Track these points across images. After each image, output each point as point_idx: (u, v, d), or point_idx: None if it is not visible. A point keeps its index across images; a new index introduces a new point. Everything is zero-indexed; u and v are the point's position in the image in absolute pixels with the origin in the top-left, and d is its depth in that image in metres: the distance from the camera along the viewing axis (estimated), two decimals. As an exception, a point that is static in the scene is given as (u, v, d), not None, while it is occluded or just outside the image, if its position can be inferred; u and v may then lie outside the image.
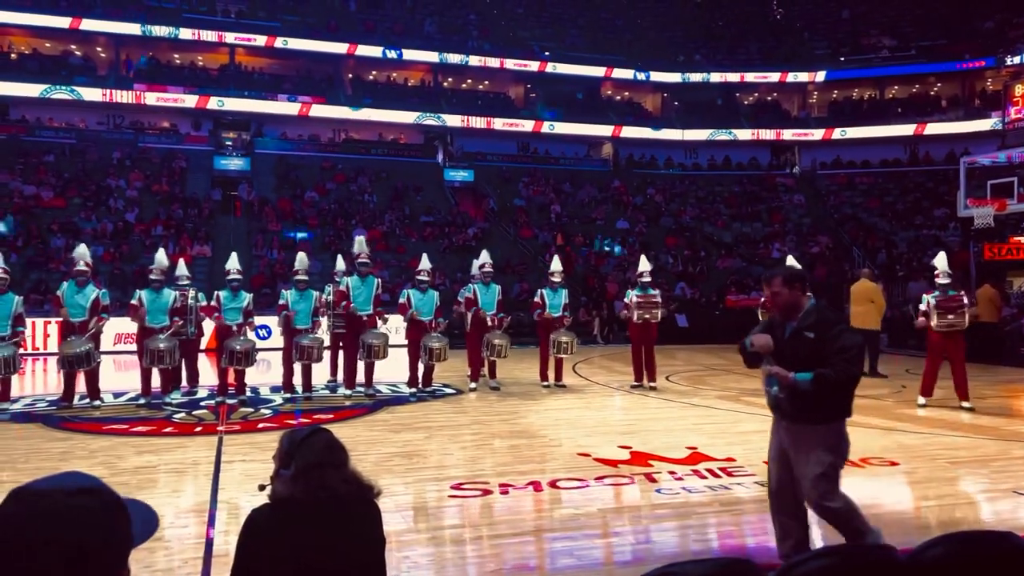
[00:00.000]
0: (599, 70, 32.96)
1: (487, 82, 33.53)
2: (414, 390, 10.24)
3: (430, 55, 30.80)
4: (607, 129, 32.27)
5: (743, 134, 32.94)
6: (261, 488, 2.32)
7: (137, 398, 9.45)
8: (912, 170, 30.74)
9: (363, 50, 30.02)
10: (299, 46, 29.18)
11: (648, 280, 11.10)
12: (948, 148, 29.69)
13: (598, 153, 33.57)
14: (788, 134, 33.04)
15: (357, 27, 30.84)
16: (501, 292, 11.11)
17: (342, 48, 29.86)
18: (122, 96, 27.00)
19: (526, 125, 31.60)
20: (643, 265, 11.35)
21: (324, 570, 2.12)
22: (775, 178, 31.71)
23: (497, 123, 31.15)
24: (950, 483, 5.83)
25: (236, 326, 9.48)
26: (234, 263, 9.98)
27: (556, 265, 11.35)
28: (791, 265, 6.62)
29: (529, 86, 33.28)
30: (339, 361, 10.92)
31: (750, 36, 35.78)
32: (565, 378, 11.21)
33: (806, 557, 1.92)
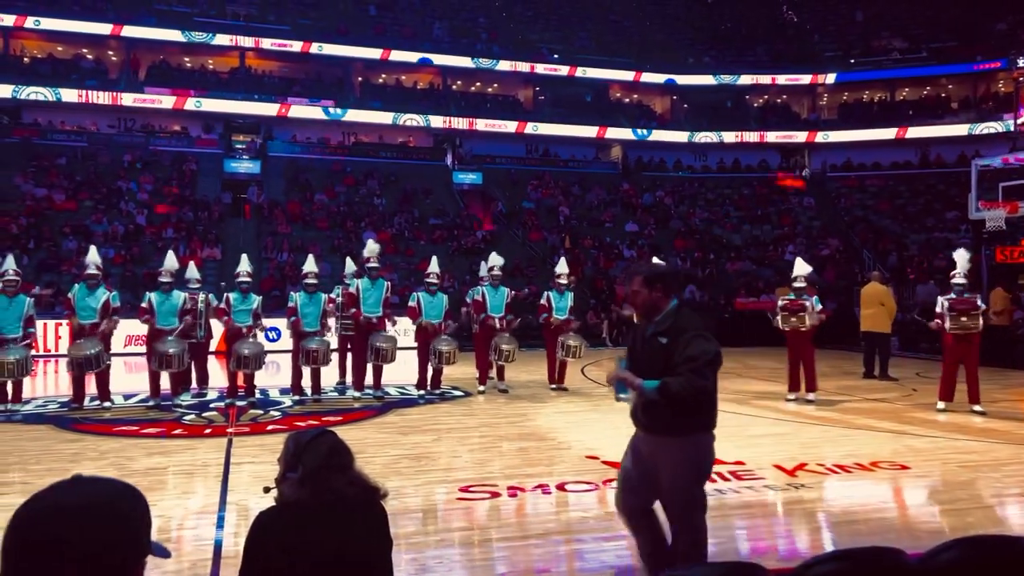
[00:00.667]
0: (608, 72, 32.93)
1: (496, 85, 33.59)
2: (423, 392, 10.25)
3: (442, 58, 30.88)
4: (616, 131, 32.21)
5: (752, 136, 32.85)
6: (266, 491, 2.34)
7: (147, 400, 9.49)
8: (923, 172, 30.59)
9: (394, 55, 30.18)
10: (312, 50, 29.28)
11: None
12: (959, 150, 29.53)
13: (607, 155, 33.53)
14: (798, 136, 32.92)
15: (368, 30, 30.93)
16: (510, 295, 11.08)
17: (361, 52, 29.94)
18: (133, 100, 27.18)
19: (535, 128, 31.61)
20: (652, 267, 11.24)
21: (331, 572, 2.12)
22: (784, 180, 31.60)
23: (506, 126, 31.17)
24: (962, 487, 5.77)
25: (246, 328, 9.54)
26: (245, 265, 10.02)
27: (562, 268, 11.27)
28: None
29: (538, 89, 33.30)
30: (348, 363, 10.94)
31: (759, 38, 35.67)
32: (570, 381, 11.15)
33: (818, 560, 1.91)
